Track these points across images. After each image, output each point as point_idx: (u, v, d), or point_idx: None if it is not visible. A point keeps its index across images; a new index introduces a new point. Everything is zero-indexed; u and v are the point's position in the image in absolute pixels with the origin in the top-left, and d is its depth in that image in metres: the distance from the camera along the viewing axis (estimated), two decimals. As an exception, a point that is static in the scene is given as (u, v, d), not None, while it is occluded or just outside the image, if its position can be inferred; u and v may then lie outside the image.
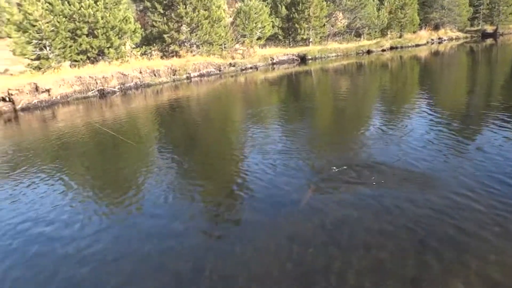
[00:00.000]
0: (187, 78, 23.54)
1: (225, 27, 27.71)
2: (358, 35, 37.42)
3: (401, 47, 35.23)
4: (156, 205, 5.14)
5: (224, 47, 27.93)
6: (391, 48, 34.44)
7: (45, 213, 5.22)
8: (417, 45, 36.24)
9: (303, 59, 29.39)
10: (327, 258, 3.58)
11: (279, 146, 7.17)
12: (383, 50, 33.46)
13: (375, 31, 37.80)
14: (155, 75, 22.45)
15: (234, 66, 26.07)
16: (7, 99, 17.11)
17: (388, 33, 38.41)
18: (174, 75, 23.11)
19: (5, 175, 7.35)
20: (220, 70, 25.28)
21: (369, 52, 32.75)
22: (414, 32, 39.74)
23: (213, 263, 3.63)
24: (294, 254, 3.68)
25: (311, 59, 29.51)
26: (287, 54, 29.80)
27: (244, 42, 28.80)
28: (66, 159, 8.51)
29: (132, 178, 6.42)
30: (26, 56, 21.17)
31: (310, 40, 33.52)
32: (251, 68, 26.76)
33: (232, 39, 28.31)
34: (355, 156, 6.52)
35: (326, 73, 22.38)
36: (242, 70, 26.17)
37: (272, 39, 32.84)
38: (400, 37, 38.15)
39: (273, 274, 3.39)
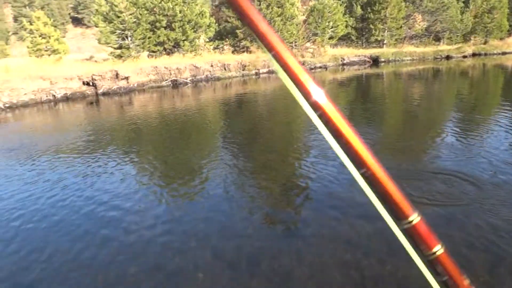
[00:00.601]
0: (256, 74, 23.84)
1: (297, 25, 27.68)
2: (437, 39, 35.45)
3: (485, 54, 32.66)
4: (217, 196, 5.22)
5: (295, 45, 27.90)
6: (474, 54, 32.09)
7: (113, 193, 5.55)
8: (504, 53, 33.25)
9: (375, 61, 28.49)
10: (386, 268, 3.43)
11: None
12: (464, 57, 31.30)
13: (457, 36, 35.54)
14: (225, 69, 23.01)
15: (303, 64, 25.76)
16: (91, 83, 18.52)
17: (471, 38, 35.83)
18: (243, 70, 23.53)
19: (81, 153, 7.96)
20: (289, 68, 25.26)
21: (448, 57, 30.82)
22: (501, 38, 36.69)
23: (269, 258, 3.63)
24: (355, 260, 3.57)
25: (384, 61, 28.50)
26: (359, 55, 29.07)
27: (315, 41, 28.57)
28: (138, 143, 9.03)
29: (197, 167, 6.61)
30: (109, 44, 22.76)
31: (385, 42, 32.39)
32: (320, 67, 26.47)
33: (303, 37, 28.19)
34: (431, 165, 6.13)
35: (399, 77, 21.46)
36: (311, 69, 25.93)
37: (344, 39, 32.24)
38: (484, 43, 35.44)
39: (328, 276, 3.33)
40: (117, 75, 19.01)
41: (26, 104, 16.30)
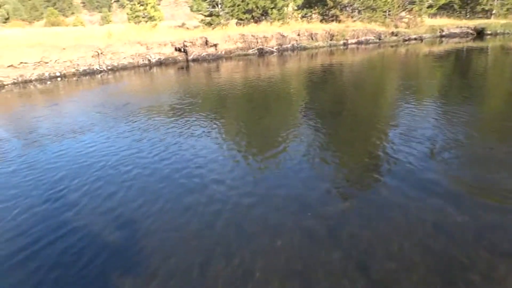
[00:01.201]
0: (344, 44, 22.97)
1: (392, -8, 25.83)
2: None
3: None
4: (298, 165, 5.19)
5: (388, 14, 26.17)
6: None
7: (194, 155, 5.86)
8: None
9: (479, 34, 25.67)
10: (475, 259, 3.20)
11: (434, 128, 6.45)
12: None
13: None
14: (312, 38, 22.48)
15: (396, 35, 24.33)
16: (182, 50, 19.36)
17: None
18: (331, 40, 22.78)
19: (175, 115, 8.45)
20: (379, 39, 23.91)
21: None
22: None
23: (348, 232, 3.57)
24: (438, 243, 3.37)
25: (491, 34, 25.55)
26: (461, 27, 26.38)
27: (411, 10, 26.46)
28: (223, 108, 9.35)
29: (278, 136, 6.64)
30: (200, 12, 23.42)
31: (493, 12, 28.97)
32: (415, 39, 24.62)
33: (399, 6, 26.24)
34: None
35: (507, 52, 19.19)
36: (404, 40, 24.28)
37: (445, 8, 29.40)
38: None
39: (406, 257, 3.20)
40: (206, 42, 19.60)
41: (125, 67, 17.64)
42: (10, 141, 7.24)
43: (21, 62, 15.00)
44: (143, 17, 26.73)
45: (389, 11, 26.05)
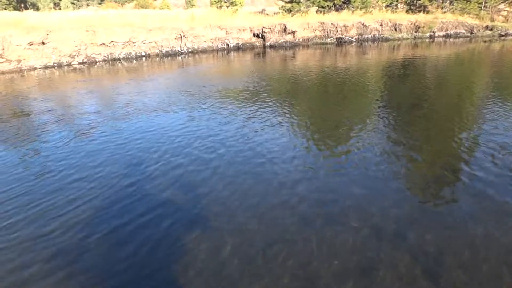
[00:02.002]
0: (430, 37, 21.55)
1: (491, -19, 23.58)
2: None
3: None
4: (364, 162, 4.99)
5: (484, 6, 23.96)
6: None
7: (270, 142, 5.90)
8: None
9: None
10: None
11: None
12: None
13: None
14: (395, 29, 21.39)
15: (491, 30, 22.24)
16: (260, 36, 19.50)
17: None
18: (416, 32, 21.49)
19: (247, 99, 8.59)
20: (471, 33, 22.06)
21: None
22: None
23: (415, 237, 3.39)
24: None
25: None
26: None
27: (512, 1, 23.97)
28: (296, 96, 9.28)
29: (351, 127, 6.44)
30: (282, -2, 23.32)
31: None
32: (512, 34, 22.36)
33: (497, -3, 23.91)
34: None
35: None
36: (500, 36, 22.10)
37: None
38: None
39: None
40: (285, 29, 19.53)
41: (205, 50, 18.23)
42: (100, 113, 7.88)
43: (112, 41, 16.14)
44: (225, 2, 27.31)
45: (486, 2, 23.83)
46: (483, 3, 24.02)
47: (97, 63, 15.36)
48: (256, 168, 4.84)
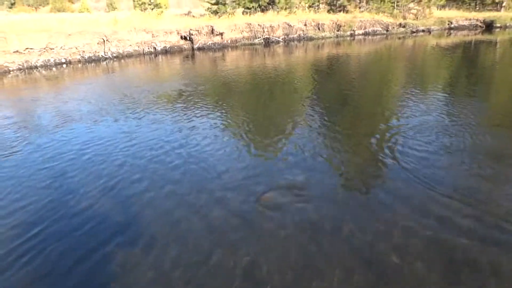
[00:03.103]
0: (351, 35, 22.76)
1: (401, -18, 25.47)
2: None
3: None
4: (296, 157, 5.13)
5: (397, 5, 25.82)
6: None
7: (202, 143, 5.86)
8: None
9: (488, 27, 25.34)
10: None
11: (439, 121, 6.35)
12: None
13: None
14: (319, 29, 22.29)
15: (404, 27, 24.05)
16: (188, 38, 19.25)
17: None
18: (338, 30, 22.58)
19: (178, 103, 8.43)
20: (387, 30, 23.67)
21: None
22: None
23: (350, 227, 3.55)
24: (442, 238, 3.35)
25: (500, 27, 25.20)
26: (470, 19, 26.05)
27: (420, 1, 26.08)
28: (227, 97, 9.31)
29: (280, 126, 6.59)
30: (207, 0, 23.22)
31: (503, 4, 28.53)
32: (423, 31, 24.34)
33: (408, -3, 25.90)
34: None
35: (516, 46, 18.90)
36: (412, 32, 23.99)
37: (455, 0, 28.96)
38: None
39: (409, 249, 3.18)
40: (212, 31, 19.47)
41: (130, 55, 17.58)
42: (16, 129, 7.26)
43: (27, 48, 14.96)
44: (149, 4, 26.58)
45: (398, 2, 25.70)
46: (396, 2, 25.86)
47: (11, 72, 14.14)
48: (192, 169, 4.76)
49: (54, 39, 15.63)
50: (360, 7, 25.08)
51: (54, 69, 14.85)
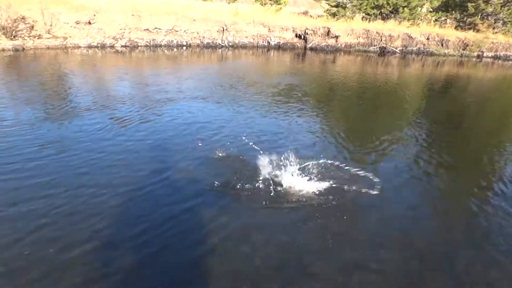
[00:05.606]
0: (478, 56, 20.69)
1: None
2: None
3: None
4: (396, 173, 4.80)
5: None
6: None
7: (292, 141, 5.73)
8: None
9: None
10: None
11: None
12: None
13: None
14: (442, 45, 20.66)
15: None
16: (302, 37, 19.26)
17: None
18: (463, 49, 20.68)
19: (280, 100, 8.41)
20: (523, 56, 21.05)
21: None
22: None
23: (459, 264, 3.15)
24: None
25: None
26: None
27: None
28: (330, 101, 9.08)
29: (381, 138, 6.16)
30: (328, 1, 22.96)
31: None
32: None
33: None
34: None
35: None
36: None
37: None
38: None
39: None
40: (328, 33, 19.21)
41: (245, 46, 18.16)
42: (133, 99, 7.91)
43: (156, 28, 16.31)
44: (269, 0, 27.16)
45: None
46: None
47: (139, 48, 15.55)
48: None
49: (180, 22, 16.80)
50: (494, 27, 22.64)
51: (175, 49, 15.97)
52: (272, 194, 3.98)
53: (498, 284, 2.99)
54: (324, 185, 4.20)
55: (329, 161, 4.93)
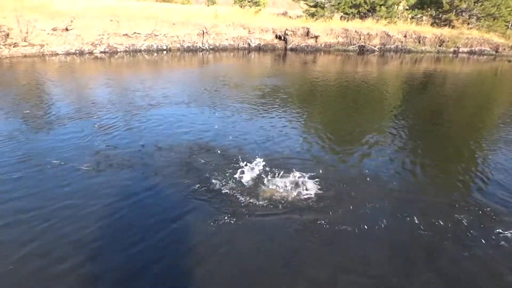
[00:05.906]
0: (454, 52, 21.18)
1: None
2: None
3: None
4: (378, 167, 4.93)
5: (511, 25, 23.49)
6: None
7: (285, 144, 5.80)
8: None
9: None
10: None
11: None
12: None
13: None
14: (419, 42, 21.08)
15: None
16: (282, 38, 19.38)
17: None
18: (440, 46, 21.15)
19: (263, 101, 8.46)
20: (496, 51, 21.61)
21: None
22: None
23: (423, 257, 3.24)
24: None
25: None
26: None
27: (541, 22, 23.44)
28: (311, 100, 9.20)
29: (363, 136, 6.27)
30: (306, 2, 23.16)
31: None
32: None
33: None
34: None
35: None
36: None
37: None
38: None
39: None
40: (307, 33, 19.38)
41: (225, 48, 18.18)
42: (115, 105, 7.84)
43: (135, 32, 16.18)
44: (248, 1, 27.23)
45: (515, 21, 23.35)
46: (511, 22, 23.57)
47: (118, 53, 15.39)
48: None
49: (159, 26, 16.70)
50: (468, 23, 23.19)
51: (155, 54, 15.87)
52: (258, 198, 4.01)
53: (482, 279, 3.09)
54: (309, 186, 4.26)
55: (314, 162, 5.01)
